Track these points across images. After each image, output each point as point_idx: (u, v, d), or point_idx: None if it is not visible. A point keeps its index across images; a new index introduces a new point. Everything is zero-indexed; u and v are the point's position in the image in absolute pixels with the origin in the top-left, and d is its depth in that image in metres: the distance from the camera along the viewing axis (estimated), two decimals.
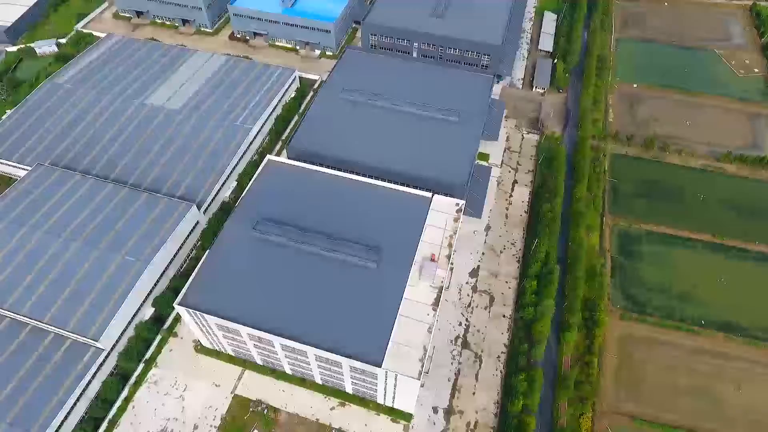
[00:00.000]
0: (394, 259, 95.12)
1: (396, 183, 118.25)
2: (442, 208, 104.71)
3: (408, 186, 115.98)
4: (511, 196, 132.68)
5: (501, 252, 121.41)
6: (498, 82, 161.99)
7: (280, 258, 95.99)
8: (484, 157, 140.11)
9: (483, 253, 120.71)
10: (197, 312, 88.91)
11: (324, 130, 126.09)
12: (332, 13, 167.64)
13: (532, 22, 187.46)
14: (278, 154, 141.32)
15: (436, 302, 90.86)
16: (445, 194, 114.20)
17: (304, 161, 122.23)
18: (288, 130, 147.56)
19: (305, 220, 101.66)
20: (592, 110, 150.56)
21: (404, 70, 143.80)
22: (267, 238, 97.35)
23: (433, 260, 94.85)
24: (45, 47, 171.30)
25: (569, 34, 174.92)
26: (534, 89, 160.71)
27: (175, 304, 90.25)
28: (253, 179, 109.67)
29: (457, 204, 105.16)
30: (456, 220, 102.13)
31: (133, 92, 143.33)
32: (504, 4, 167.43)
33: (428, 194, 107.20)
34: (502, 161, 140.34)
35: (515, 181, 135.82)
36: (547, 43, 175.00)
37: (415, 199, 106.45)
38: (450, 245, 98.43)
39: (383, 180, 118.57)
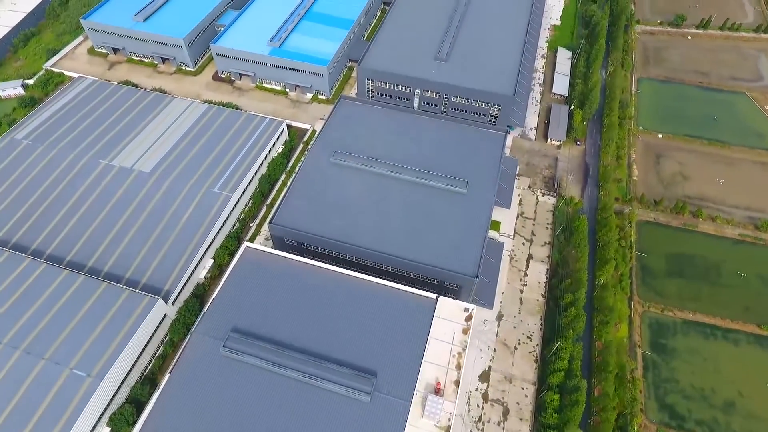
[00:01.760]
0: (390, 389, 79.24)
1: (394, 270, 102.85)
2: (449, 314, 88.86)
3: (408, 274, 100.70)
4: (525, 275, 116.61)
5: (516, 348, 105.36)
6: (509, 131, 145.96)
7: (250, 378, 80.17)
8: (495, 225, 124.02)
9: (495, 350, 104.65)
10: None
11: (311, 204, 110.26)
12: (325, 53, 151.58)
13: (544, 60, 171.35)
14: (262, 221, 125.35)
15: None
16: (451, 286, 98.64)
17: (288, 243, 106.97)
18: (274, 191, 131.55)
19: (284, 332, 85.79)
20: (614, 167, 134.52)
21: (404, 126, 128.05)
22: (239, 360, 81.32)
23: (437, 391, 78.88)
24: (9, 89, 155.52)
25: (586, 75, 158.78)
26: (549, 141, 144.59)
27: None
28: (227, 274, 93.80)
29: (467, 309, 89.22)
30: (466, 331, 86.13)
31: (99, 150, 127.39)
32: (515, 43, 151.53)
33: (432, 296, 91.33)
34: (515, 230, 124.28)
35: (530, 256, 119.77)
36: (561, 86, 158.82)
37: (417, 303, 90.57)
38: (459, 366, 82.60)
39: (379, 267, 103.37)
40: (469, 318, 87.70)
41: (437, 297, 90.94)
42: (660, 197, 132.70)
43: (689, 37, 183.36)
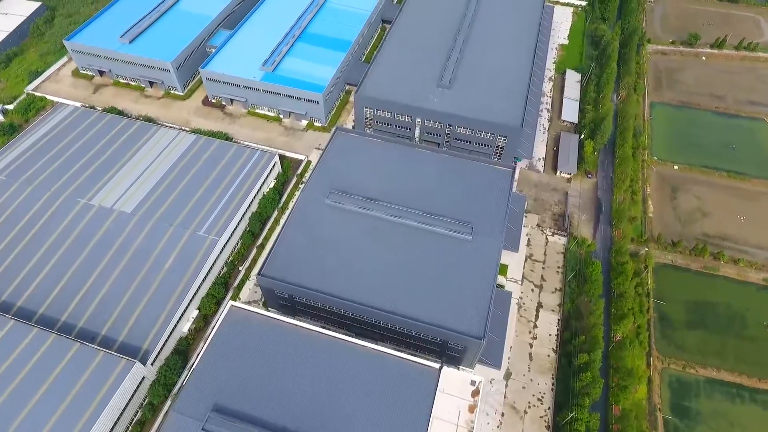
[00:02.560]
0: None
1: (393, 327, 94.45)
2: (454, 388, 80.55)
3: (408, 332, 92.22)
4: (535, 326, 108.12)
5: (525, 412, 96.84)
6: (515, 162, 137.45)
7: None
8: (503, 269, 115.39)
9: (503, 414, 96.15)
10: None
11: (304, 253, 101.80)
12: (321, 78, 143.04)
13: (552, 83, 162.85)
14: (252, 263, 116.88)
15: None
16: (456, 346, 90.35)
17: (279, 294, 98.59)
18: (266, 230, 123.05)
19: (269, 410, 77.18)
20: (628, 203, 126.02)
21: (405, 161, 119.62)
22: None
23: None
24: None
25: (596, 101, 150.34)
26: (558, 173, 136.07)
27: None
28: (209, 340, 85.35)
29: (473, 383, 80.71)
30: (472, 409, 77.67)
31: (78, 187, 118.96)
32: (522, 67, 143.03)
33: (435, 365, 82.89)
34: (523, 275, 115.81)
35: (540, 305, 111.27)
36: (571, 113, 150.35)
37: (417, 373, 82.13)
38: None
39: (377, 323, 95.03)
40: (476, 393, 79.29)
41: (440, 367, 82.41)
42: (677, 236, 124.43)
43: (703, 58, 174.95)
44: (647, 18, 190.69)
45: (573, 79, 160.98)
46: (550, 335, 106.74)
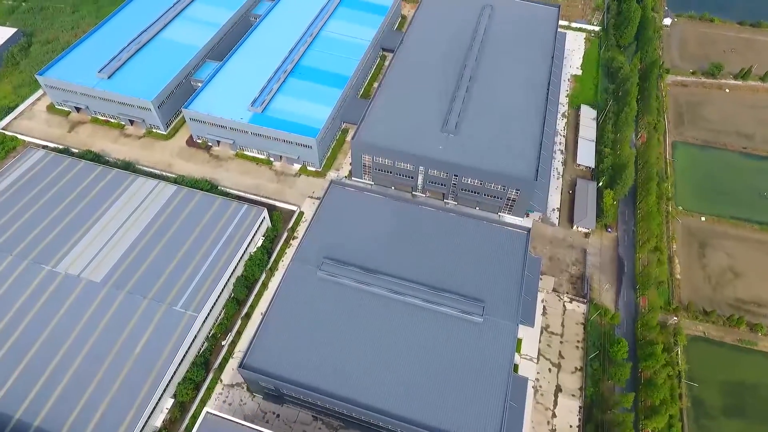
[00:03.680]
0: None
1: (392, 430, 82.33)
2: None
3: None
4: (554, 415, 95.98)
5: None
6: (527, 215, 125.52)
7: None
8: (516, 344, 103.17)
9: None
10: None
11: (292, 338, 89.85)
12: (315, 120, 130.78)
13: (565, 120, 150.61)
14: (237, 337, 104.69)
15: None
16: None
17: (264, 386, 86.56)
18: (252, 296, 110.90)
19: None
20: (653, 264, 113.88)
21: (407, 222, 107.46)
22: None
23: None
24: None
25: (615, 142, 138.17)
26: (575, 227, 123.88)
27: None
28: None
29: None
30: None
31: (43, 251, 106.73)
32: (535, 108, 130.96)
33: None
34: (539, 351, 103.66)
35: (559, 388, 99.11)
36: (587, 156, 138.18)
37: None
38: None
39: (375, 424, 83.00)
40: None
41: None
42: (708, 302, 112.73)
43: (727, 90, 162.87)
44: (664, 44, 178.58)
45: (588, 115, 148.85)
46: (570, 427, 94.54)
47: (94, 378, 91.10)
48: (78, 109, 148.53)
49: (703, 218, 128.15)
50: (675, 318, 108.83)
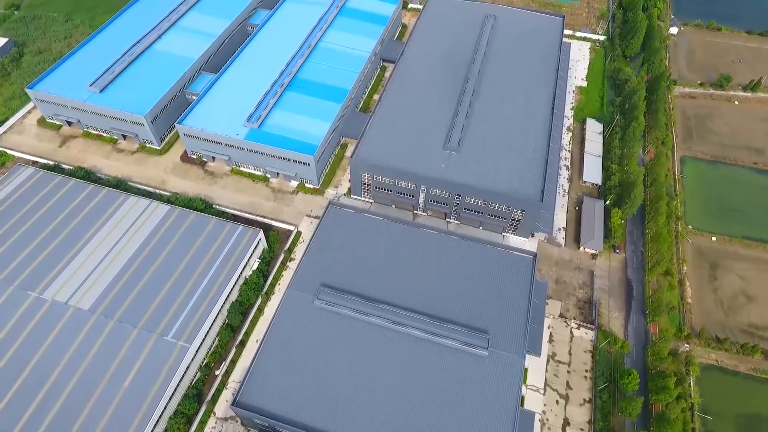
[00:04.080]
0: None
1: None
2: None
3: None
4: None
5: None
6: (532, 234, 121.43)
7: None
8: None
9: None
10: None
11: (287, 372, 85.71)
12: (313, 136, 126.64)
13: (570, 133, 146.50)
14: (231, 366, 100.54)
15: None
16: None
17: (259, 423, 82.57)
18: (248, 322, 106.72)
19: None
20: (664, 289, 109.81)
21: (408, 247, 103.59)
22: None
23: None
24: None
25: (622, 158, 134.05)
26: (582, 248, 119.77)
27: None
28: None
29: None
30: None
31: (30, 276, 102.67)
32: (540, 123, 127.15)
33: None
34: (546, 381, 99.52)
35: (567, 422, 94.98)
36: (593, 173, 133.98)
37: None
38: None
39: None
40: None
41: None
42: (720, 327, 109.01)
43: (736, 102, 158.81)
44: (671, 54, 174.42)
45: (594, 129, 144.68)
46: None
47: (82, 413, 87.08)
48: (70, 123, 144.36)
49: (713, 238, 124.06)
50: (687, 345, 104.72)
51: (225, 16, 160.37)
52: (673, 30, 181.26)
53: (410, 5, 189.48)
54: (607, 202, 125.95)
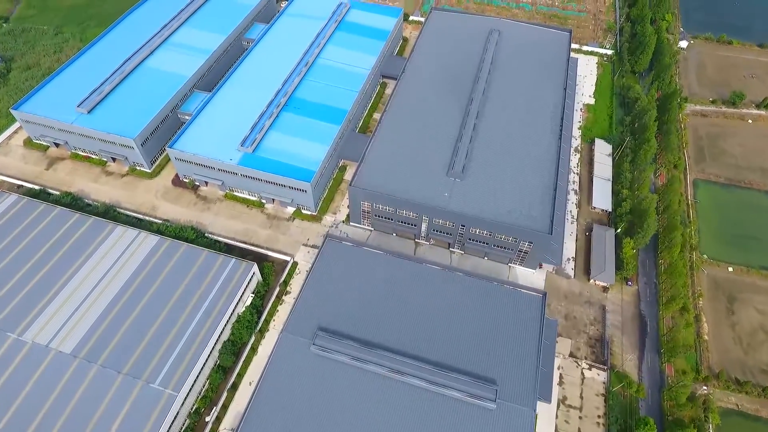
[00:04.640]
0: None
1: None
2: None
3: None
4: None
5: None
6: (540, 265, 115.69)
7: None
8: None
9: None
10: None
11: (284, 420, 79.83)
12: (310, 161, 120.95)
13: (578, 155, 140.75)
14: (222, 412, 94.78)
15: None
16: None
17: None
18: (240, 363, 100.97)
19: None
20: (680, 327, 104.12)
21: (411, 286, 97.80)
22: None
23: None
24: None
25: (633, 182, 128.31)
26: (592, 281, 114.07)
27: None
28: None
29: None
30: None
31: (9, 316, 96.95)
32: (547, 147, 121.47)
33: None
34: (557, 429, 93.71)
35: None
36: (603, 198, 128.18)
37: None
38: None
39: None
40: None
41: None
42: (739, 367, 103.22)
43: (749, 120, 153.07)
44: (681, 69, 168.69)
45: (603, 151, 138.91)
46: None
47: None
48: (57, 144, 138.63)
49: (730, 268, 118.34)
50: (705, 388, 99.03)
51: (219, 31, 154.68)
52: (683, 44, 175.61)
53: (411, 17, 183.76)
54: (618, 231, 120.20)
